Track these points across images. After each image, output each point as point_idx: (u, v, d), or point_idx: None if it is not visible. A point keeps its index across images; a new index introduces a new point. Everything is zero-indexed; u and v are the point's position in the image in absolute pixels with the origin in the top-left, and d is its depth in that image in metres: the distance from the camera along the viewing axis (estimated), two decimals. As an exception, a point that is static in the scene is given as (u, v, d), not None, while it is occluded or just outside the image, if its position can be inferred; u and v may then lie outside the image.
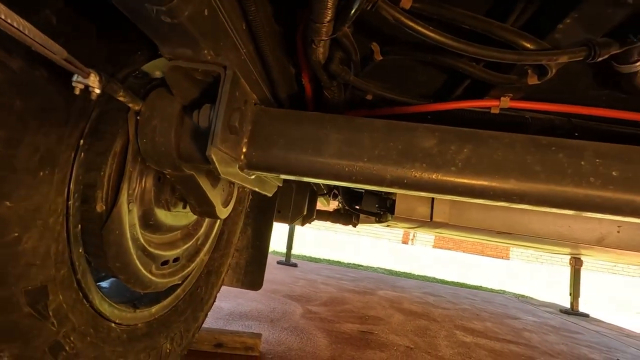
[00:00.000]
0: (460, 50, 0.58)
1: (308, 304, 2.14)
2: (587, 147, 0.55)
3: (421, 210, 1.22)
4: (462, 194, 0.55)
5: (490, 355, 1.67)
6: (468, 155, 0.55)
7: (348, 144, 0.57)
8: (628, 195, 0.53)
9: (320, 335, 1.58)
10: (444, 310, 2.61)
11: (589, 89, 0.81)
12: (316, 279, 3.16)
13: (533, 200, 0.54)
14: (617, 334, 2.74)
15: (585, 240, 1.18)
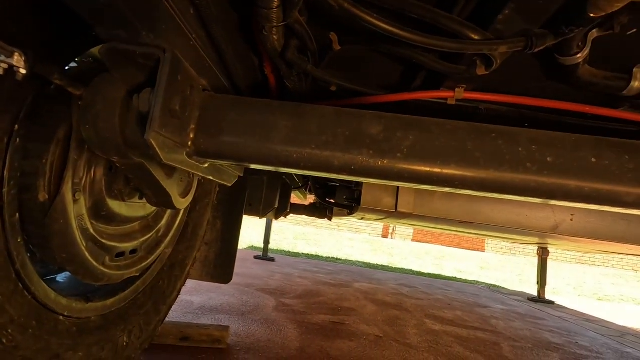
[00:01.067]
0: (405, 38, 0.59)
1: (282, 297, 2.14)
2: (524, 134, 0.57)
3: (386, 201, 1.25)
4: (408, 180, 0.57)
5: (456, 342, 1.73)
6: (413, 142, 0.56)
7: (296, 130, 0.57)
8: (561, 180, 0.55)
9: (291, 326, 1.59)
10: (417, 301, 2.68)
11: (537, 81, 0.85)
12: (293, 272, 3.17)
13: (474, 185, 0.56)
14: (578, 319, 2.88)
15: (540, 228, 1.23)
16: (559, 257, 11.62)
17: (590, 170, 0.55)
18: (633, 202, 0.55)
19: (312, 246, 6.32)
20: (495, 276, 5.71)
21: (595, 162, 0.55)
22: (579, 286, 5.59)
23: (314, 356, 1.29)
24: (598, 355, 1.85)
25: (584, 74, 0.77)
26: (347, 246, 7.26)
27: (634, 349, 2.11)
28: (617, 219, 1.23)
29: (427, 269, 5.48)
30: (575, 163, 0.55)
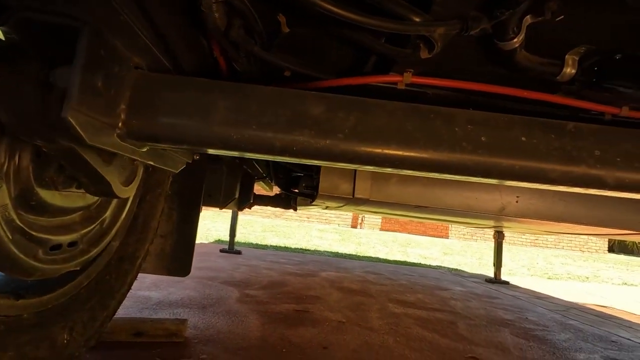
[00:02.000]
0: (346, 17, 0.59)
1: (246, 289, 2.12)
2: (460, 115, 0.59)
3: (344, 187, 1.25)
4: (351, 161, 0.57)
5: (416, 323, 1.79)
6: (354, 122, 0.56)
7: (236, 111, 0.56)
8: (494, 159, 0.58)
9: (253, 317, 1.58)
10: (381, 287, 2.75)
11: (480, 66, 0.88)
12: (259, 264, 3.15)
13: (414, 165, 0.57)
14: (529, 297, 3.09)
15: (489, 210, 1.29)
16: (516, 241, 12.37)
17: (521, 149, 0.58)
18: (557, 178, 0.58)
19: (281, 238, 6.30)
20: (457, 260, 5.98)
21: (525, 141, 0.58)
22: (532, 267, 5.98)
23: (275, 344, 1.29)
24: (544, 328, 2.00)
25: (522, 59, 0.80)
26: (316, 237, 7.31)
27: (576, 321, 2.29)
28: (556, 200, 1.32)
29: (394, 256, 5.64)
30: (507, 142, 0.58)
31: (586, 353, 1.62)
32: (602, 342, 1.83)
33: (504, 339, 1.68)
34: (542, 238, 12.64)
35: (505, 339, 1.68)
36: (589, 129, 0.60)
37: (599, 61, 0.82)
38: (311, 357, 1.21)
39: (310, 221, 12.46)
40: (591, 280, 5.19)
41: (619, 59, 0.81)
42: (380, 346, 1.40)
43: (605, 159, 0.58)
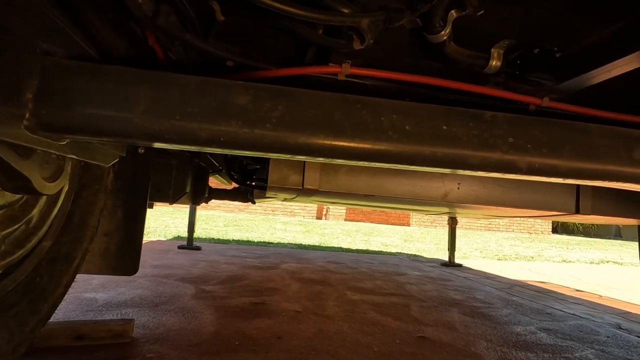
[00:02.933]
0: (271, 7, 0.59)
1: (203, 285, 2.08)
2: (386, 105, 0.61)
3: (293, 178, 1.26)
4: (279, 151, 0.57)
5: (372, 308, 1.85)
6: (282, 112, 0.57)
7: (158, 100, 0.54)
8: (418, 147, 0.60)
9: (208, 312, 1.56)
10: (342, 275, 2.81)
11: (414, 59, 0.91)
12: (219, 259, 3.09)
13: (342, 154, 0.59)
14: (479, 278, 3.29)
15: (433, 197, 1.36)
16: (472, 226, 13.11)
17: (442, 137, 0.61)
18: (477, 164, 0.62)
19: (244, 232, 6.22)
20: (417, 247, 6.23)
21: (446, 129, 0.61)
22: (485, 249, 6.37)
23: (228, 337, 1.28)
24: (489, 305, 2.14)
25: (451, 52, 0.84)
26: (280, 230, 7.29)
27: (518, 297, 2.48)
28: (495, 186, 1.40)
29: (357, 245, 5.76)
30: (429, 131, 0.61)
31: (523, 325, 1.76)
32: (538, 315, 2.00)
33: (452, 318, 1.79)
34: (494, 223, 13.49)
35: (453, 318, 1.79)
36: (504, 117, 0.64)
37: (521, 55, 0.88)
38: (264, 347, 1.22)
39: (275, 214, 12.40)
40: (535, 259, 5.62)
41: (537, 53, 0.87)
42: (334, 333, 1.43)
43: (518, 145, 0.63)
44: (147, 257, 2.91)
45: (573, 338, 1.61)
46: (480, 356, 1.30)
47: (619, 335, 1.72)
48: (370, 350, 1.27)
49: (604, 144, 0.67)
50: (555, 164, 0.65)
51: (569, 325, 1.84)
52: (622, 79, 0.88)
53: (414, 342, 1.39)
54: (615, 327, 1.88)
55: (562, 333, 1.68)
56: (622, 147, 0.68)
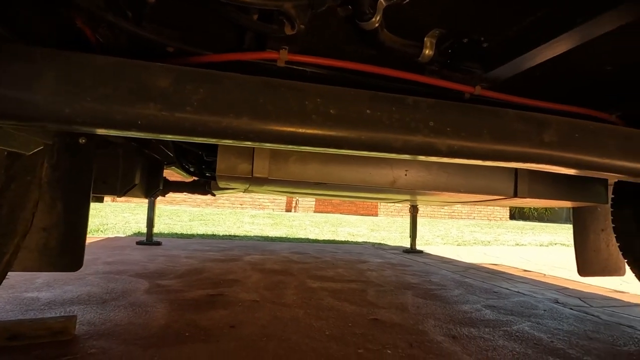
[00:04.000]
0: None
1: (159, 279, 2.03)
2: (311, 89, 0.62)
3: (242, 167, 1.25)
4: (202, 135, 0.57)
5: (329, 295, 1.89)
6: (204, 95, 0.56)
7: (67, 82, 0.51)
8: (342, 130, 0.62)
9: (160, 306, 1.53)
10: (304, 265, 2.83)
11: (351, 45, 0.92)
12: (179, 254, 3.02)
13: (268, 137, 0.59)
14: (438, 262, 3.45)
15: (382, 184, 1.40)
16: (435, 215, 13.63)
17: (366, 121, 0.63)
18: (400, 147, 0.65)
19: (210, 226, 6.10)
20: (383, 235, 6.40)
21: (370, 113, 0.64)
22: (446, 236, 6.66)
23: (179, 329, 1.26)
24: (442, 287, 2.25)
25: (385, 40, 0.87)
26: (247, 223, 7.22)
27: (471, 279, 2.62)
28: (440, 172, 1.47)
29: (324, 236, 5.82)
30: (354, 115, 0.63)
31: (471, 304, 1.87)
32: (486, 294, 2.13)
33: (406, 300, 1.86)
34: (457, 211, 14.10)
35: (407, 300, 1.87)
36: (425, 102, 0.67)
37: (452, 44, 0.93)
38: (216, 336, 1.22)
39: (244, 208, 12.25)
40: (492, 243, 5.95)
41: (466, 43, 0.91)
42: (289, 319, 1.45)
43: (438, 129, 0.67)
44: (102, 254, 2.79)
45: (514, 313, 1.73)
46: (426, 333, 1.37)
47: (555, 309, 1.87)
48: (322, 334, 1.31)
49: (519, 128, 0.72)
50: (474, 146, 0.69)
51: (512, 302, 1.97)
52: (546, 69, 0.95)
53: (366, 324, 1.44)
54: (553, 301, 2.04)
55: (505, 309, 1.80)
56: (535, 130, 0.73)
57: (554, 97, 1.19)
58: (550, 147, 0.74)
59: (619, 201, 1.76)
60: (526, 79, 1.06)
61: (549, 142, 0.74)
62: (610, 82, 1.07)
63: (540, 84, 1.14)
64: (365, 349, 1.18)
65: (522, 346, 1.29)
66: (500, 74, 0.97)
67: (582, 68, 1.02)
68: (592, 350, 1.29)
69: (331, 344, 1.21)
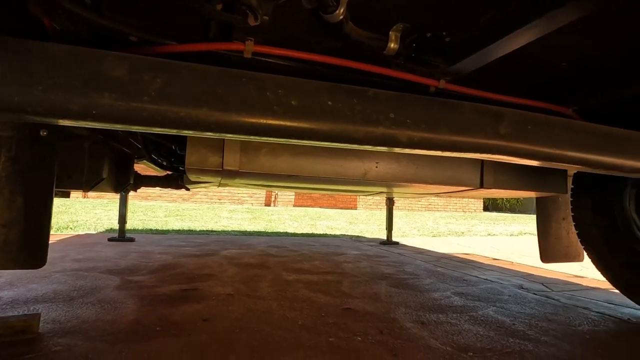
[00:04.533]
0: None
1: (130, 276, 1.99)
2: (272, 80, 0.62)
3: (212, 160, 1.24)
4: (160, 125, 0.56)
5: (305, 287, 1.91)
6: (161, 85, 0.56)
7: (16, 70, 0.50)
8: (303, 122, 0.63)
9: (131, 302, 1.50)
10: (281, 258, 2.84)
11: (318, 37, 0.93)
12: (153, 250, 2.96)
13: (229, 128, 0.60)
14: (412, 253, 3.54)
15: (354, 176, 1.42)
16: (413, 207, 13.92)
17: (328, 112, 0.64)
18: (361, 138, 0.67)
19: (187, 222, 6.00)
20: (361, 228, 6.48)
21: (332, 104, 0.65)
22: (422, 228, 6.82)
23: (149, 325, 1.25)
24: (415, 277, 2.32)
25: (351, 32, 0.88)
26: (225, 218, 7.14)
27: (443, 268, 2.71)
28: (410, 164, 1.50)
29: (302, 229, 5.84)
30: (315, 106, 0.64)
31: (441, 291, 1.94)
32: (456, 282, 2.21)
33: (379, 290, 1.91)
34: (434, 203, 14.45)
35: (380, 290, 1.91)
36: (385, 94, 0.69)
37: (416, 38, 0.95)
38: (187, 330, 1.21)
39: (222, 202, 12.09)
40: (465, 234, 6.15)
41: (430, 37, 0.94)
42: (263, 311, 1.46)
43: (398, 120, 0.69)
44: (70, 252, 2.70)
45: (481, 299, 1.81)
46: (397, 320, 1.41)
47: (519, 294, 1.96)
48: (295, 324, 1.33)
49: (475, 120, 0.75)
50: (433, 137, 0.72)
51: (480, 288, 2.06)
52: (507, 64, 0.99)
53: (339, 314, 1.47)
54: (518, 287, 2.14)
55: (473, 296, 1.88)
56: (490, 123, 0.77)
57: (517, 92, 1.24)
58: (505, 139, 0.78)
59: (577, 192, 1.86)
60: (489, 73, 1.10)
61: (503, 133, 0.77)
62: (566, 78, 1.13)
63: (503, 79, 1.19)
64: (337, 337, 1.21)
65: (486, 329, 1.35)
66: (463, 68, 1.00)
67: (540, 64, 1.07)
68: (550, 331, 1.37)
69: (303, 333, 1.23)
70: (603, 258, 1.75)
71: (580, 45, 0.92)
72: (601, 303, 1.84)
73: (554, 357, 1.13)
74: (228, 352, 1.05)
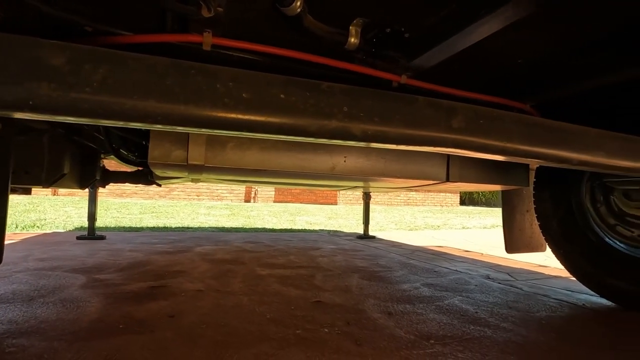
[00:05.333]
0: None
1: (97, 274, 1.93)
2: (223, 72, 0.62)
3: (177, 154, 1.22)
4: (103, 117, 0.55)
5: (277, 281, 1.92)
6: (104, 75, 0.54)
7: (-59, 57, 0.47)
8: (256, 115, 0.63)
9: (95, 300, 1.46)
10: (257, 254, 2.83)
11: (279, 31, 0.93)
12: (124, 247, 2.89)
13: (178, 121, 0.59)
14: (388, 247, 3.60)
15: (322, 170, 1.43)
16: (392, 202, 14.14)
17: (281, 106, 0.65)
18: (315, 131, 0.67)
19: (162, 219, 5.87)
20: (340, 223, 6.53)
21: (284, 98, 0.65)
22: (400, 222, 6.95)
23: (113, 322, 1.22)
24: (388, 269, 2.36)
25: (310, 26, 0.88)
26: (203, 214, 7.03)
27: (415, 260, 2.78)
28: (378, 158, 1.53)
29: (281, 225, 5.83)
30: (268, 99, 0.64)
31: (411, 283, 1.98)
32: (427, 273, 2.27)
33: (351, 283, 1.94)
34: (412, 198, 14.72)
35: (352, 283, 1.94)
36: (339, 88, 0.70)
37: (376, 33, 0.96)
38: (152, 327, 1.19)
39: (200, 199, 11.90)
40: (441, 227, 6.31)
41: (389, 33, 0.95)
42: (232, 306, 1.46)
43: (352, 114, 0.70)
44: (35, 251, 2.59)
45: (448, 289, 1.87)
46: (364, 311, 1.44)
47: (485, 284, 2.04)
48: (264, 318, 1.33)
49: (428, 114, 0.77)
50: (387, 131, 0.73)
51: (449, 279, 2.12)
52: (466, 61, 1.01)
53: (308, 307, 1.48)
54: (484, 277, 2.22)
55: (441, 286, 1.93)
56: (443, 117, 0.79)
57: (479, 88, 1.28)
58: (458, 132, 0.80)
59: (538, 185, 1.95)
60: (450, 70, 1.13)
61: (457, 127, 0.80)
62: (521, 74, 1.17)
63: (465, 76, 1.22)
64: (304, 329, 1.22)
65: (450, 318, 1.40)
66: (423, 63, 1.02)
67: (497, 61, 1.10)
68: (510, 317, 1.44)
69: (270, 326, 1.24)
70: (562, 248, 1.84)
71: (531, 42, 0.96)
72: (560, 290, 1.94)
73: (510, 341, 1.18)
74: (192, 347, 1.05)
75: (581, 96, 1.36)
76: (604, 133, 0.94)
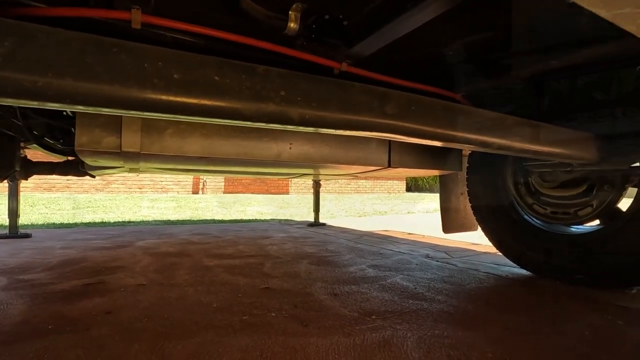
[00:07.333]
0: None
1: (21, 274, 1.76)
2: (150, 51, 0.59)
3: (108, 140, 1.14)
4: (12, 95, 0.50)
5: (225, 271, 1.89)
6: (9, 49, 0.49)
7: None
8: (189, 97, 0.61)
9: (19, 302, 1.33)
10: (204, 245, 2.76)
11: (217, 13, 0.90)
12: (54, 245, 2.65)
13: (100, 101, 0.55)
14: (337, 233, 3.70)
15: (268, 157, 1.42)
16: (343, 190, 14.47)
17: (215, 87, 0.63)
18: (252, 115, 0.67)
19: (100, 214, 5.45)
20: (291, 212, 6.55)
21: (219, 80, 0.64)
22: (350, 209, 7.15)
23: (40, 323, 1.13)
24: (336, 254, 2.44)
25: (248, 8, 0.86)
26: (146, 207, 6.64)
27: (363, 244, 2.89)
28: (322, 145, 1.55)
29: (231, 216, 5.71)
30: (201, 80, 0.62)
31: (357, 265, 2.07)
32: (373, 256, 2.38)
33: (300, 268, 1.97)
34: (362, 186, 15.18)
35: (300, 268, 1.98)
36: (276, 72, 0.70)
37: (315, 20, 0.97)
38: (86, 325, 1.12)
39: (143, 191, 11.20)
40: (388, 213, 6.60)
41: (328, 19, 0.97)
42: (176, 298, 1.42)
43: (289, 98, 0.70)
44: (-58, 253, 2.28)
45: (391, 269, 1.98)
46: (311, 294, 1.48)
47: (425, 262, 2.19)
48: (210, 308, 1.31)
49: (363, 100, 0.80)
50: (324, 115, 0.75)
51: (393, 260, 2.25)
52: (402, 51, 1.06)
53: (256, 293, 1.49)
54: (424, 256, 2.39)
55: (385, 267, 2.04)
56: (378, 103, 0.83)
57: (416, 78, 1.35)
58: (392, 118, 0.85)
59: (470, 169, 2.12)
60: (389, 59, 1.18)
61: (390, 113, 0.84)
62: (452, 65, 1.26)
63: (402, 65, 1.28)
64: (251, 315, 1.23)
65: (391, 295, 1.49)
66: (361, 51, 1.06)
67: (429, 51, 1.17)
68: (444, 291, 1.57)
69: (217, 315, 1.23)
70: (489, 226, 2.04)
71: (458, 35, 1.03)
72: (488, 264, 2.15)
73: (442, 311, 1.29)
74: (131, 342, 1.01)
75: (504, 88, 1.50)
76: (519, 120, 1.05)
